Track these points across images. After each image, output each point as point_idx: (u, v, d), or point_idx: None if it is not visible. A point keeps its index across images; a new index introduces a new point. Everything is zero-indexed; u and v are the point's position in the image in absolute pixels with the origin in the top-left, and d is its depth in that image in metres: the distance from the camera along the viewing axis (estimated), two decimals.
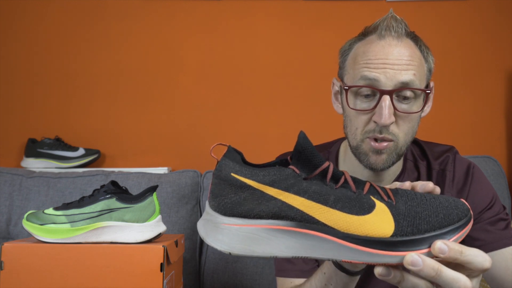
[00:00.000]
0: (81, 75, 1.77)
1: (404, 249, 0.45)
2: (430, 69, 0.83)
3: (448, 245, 0.45)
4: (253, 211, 0.47)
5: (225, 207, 0.48)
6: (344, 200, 0.47)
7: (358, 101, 0.79)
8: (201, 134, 1.76)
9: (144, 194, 0.89)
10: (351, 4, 1.79)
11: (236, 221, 0.47)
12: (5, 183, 1.40)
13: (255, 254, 0.47)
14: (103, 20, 1.78)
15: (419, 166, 0.89)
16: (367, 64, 0.77)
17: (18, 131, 1.74)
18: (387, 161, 0.79)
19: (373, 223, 0.46)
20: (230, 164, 0.49)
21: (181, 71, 1.78)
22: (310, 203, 0.47)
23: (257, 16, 1.79)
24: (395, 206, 0.47)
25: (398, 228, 0.46)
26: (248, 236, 0.47)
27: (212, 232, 0.48)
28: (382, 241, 0.45)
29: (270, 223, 0.47)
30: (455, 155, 0.90)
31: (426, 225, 0.46)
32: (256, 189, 0.47)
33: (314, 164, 0.48)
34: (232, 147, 0.52)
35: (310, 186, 0.47)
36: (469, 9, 1.78)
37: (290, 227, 0.47)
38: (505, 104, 1.77)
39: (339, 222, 0.46)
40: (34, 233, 0.86)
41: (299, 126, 1.75)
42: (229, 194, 0.48)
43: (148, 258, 0.83)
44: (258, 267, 1.38)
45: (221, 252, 0.56)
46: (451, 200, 0.49)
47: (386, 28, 0.79)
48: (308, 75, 1.78)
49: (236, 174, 0.48)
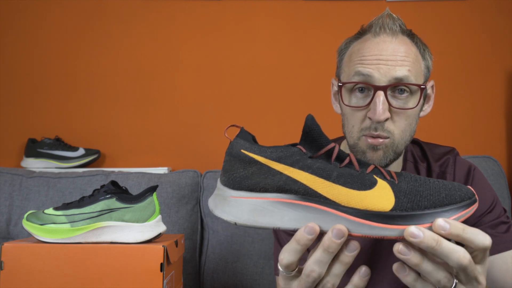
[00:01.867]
0: (81, 75, 1.77)
1: (403, 223, 0.46)
2: (428, 66, 0.82)
3: (450, 222, 0.45)
4: (259, 185, 0.49)
5: (234, 181, 0.51)
6: (347, 176, 0.49)
7: (353, 98, 0.79)
8: (201, 134, 1.77)
9: (144, 194, 0.89)
10: (351, 4, 1.79)
11: (243, 194, 0.50)
12: (5, 183, 1.40)
13: (259, 225, 0.49)
14: (103, 20, 1.78)
15: (419, 167, 0.89)
16: (361, 61, 0.77)
17: (18, 131, 1.74)
18: (384, 158, 0.78)
19: (374, 197, 0.47)
20: (241, 142, 0.52)
21: (181, 71, 1.78)
22: (313, 177, 0.49)
23: (257, 16, 1.79)
24: (397, 185, 0.49)
25: (398, 203, 0.47)
26: (254, 208, 0.49)
27: (220, 204, 0.51)
28: (381, 214, 0.47)
29: (275, 196, 0.49)
30: (455, 157, 0.89)
31: (426, 202, 0.47)
32: (264, 164, 0.50)
33: (320, 144, 0.50)
34: (245, 129, 0.54)
35: (315, 163, 0.49)
36: (469, 9, 1.78)
37: (293, 200, 0.49)
38: (505, 104, 1.77)
39: (340, 196, 0.48)
40: (34, 233, 0.86)
41: (299, 126, 1.75)
42: (238, 169, 0.51)
43: (148, 258, 0.83)
44: (258, 267, 1.38)
45: (227, 222, 0.59)
46: (456, 184, 0.50)
47: (381, 26, 0.79)
48: (308, 75, 1.78)
49: (245, 151, 0.51)
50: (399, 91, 0.76)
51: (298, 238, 0.48)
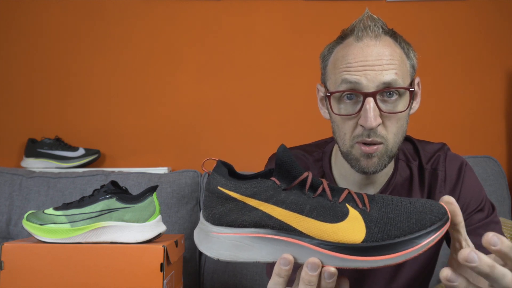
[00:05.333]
0: (81, 75, 1.77)
1: (374, 255, 0.49)
2: (413, 65, 0.81)
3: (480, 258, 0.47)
4: (237, 221, 0.52)
5: (214, 217, 0.53)
6: (319, 208, 0.51)
7: (342, 106, 0.78)
8: (201, 134, 1.77)
9: (144, 194, 0.89)
10: (351, 4, 1.79)
11: (223, 230, 0.53)
12: (5, 183, 1.40)
13: (240, 260, 0.52)
14: (102, 20, 1.78)
15: (411, 166, 0.89)
16: (347, 68, 0.76)
17: (18, 131, 1.74)
18: (379, 164, 0.77)
19: (345, 230, 0.49)
20: (217, 178, 0.54)
21: (181, 71, 1.78)
22: (287, 212, 0.51)
23: (257, 16, 1.79)
24: (368, 213, 0.51)
25: (369, 234, 0.49)
26: (233, 244, 0.52)
27: (204, 240, 0.54)
28: (353, 247, 0.49)
29: (252, 231, 0.52)
30: (446, 154, 0.89)
31: (396, 231, 0.49)
32: (240, 201, 0.52)
33: (293, 176, 0.52)
34: (221, 161, 0.57)
35: (288, 197, 0.51)
36: (469, 9, 1.78)
37: (270, 235, 0.51)
38: (505, 104, 1.77)
39: (313, 230, 0.50)
40: (34, 233, 0.86)
41: (299, 126, 1.75)
42: (217, 205, 0.53)
43: (148, 258, 0.83)
44: (258, 267, 1.38)
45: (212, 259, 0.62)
46: (428, 204, 0.51)
47: (363, 29, 0.77)
48: (308, 75, 1.78)
49: (222, 188, 0.53)
50: (388, 94, 0.76)
51: (278, 272, 0.51)
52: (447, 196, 0.52)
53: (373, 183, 0.85)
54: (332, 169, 0.90)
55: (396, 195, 0.86)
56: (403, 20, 1.77)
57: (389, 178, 0.87)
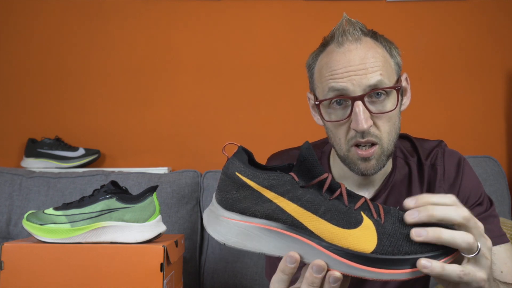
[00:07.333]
0: (81, 75, 1.77)
1: (381, 267, 0.48)
2: (398, 63, 0.82)
3: (432, 263, 0.48)
4: (250, 209, 0.51)
5: (226, 201, 0.52)
6: (334, 212, 0.50)
7: (332, 112, 0.79)
8: (201, 134, 1.76)
9: (144, 194, 0.89)
10: (351, 4, 1.79)
11: (234, 216, 0.52)
12: (5, 183, 1.40)
13: (246, 249, 0.52)
14: (103, 20, 1.78)
15: (409, 162, 0.89)
16: (332, 75, 0.77)
17: (18, 131, 1.74)
18: (377, 166, 0.79)
19: (357, 237, 0.49)
20: (237, 163, 0.53)
21: (181, 71, 1.78)
22: (302, 210, 0.50)
23: (257, 16, 1.79)
24: (382, 225, 0.50)
25: (379, 246, 0.49)
26: (242, 232, 0.51)
27: (213, 223, 0.53)
28: (362, 256, 0.48)
29: (264, 222, 0.51)
30: (444, 150, 0.90)
31: (408, 248, 0.49)
32: (256, 190, 0.51)
33: (313, 174, 0.51)
34: (243, 147, 0.56)
35: (305, 194, 0.51)
36: (469, 9, 1.78)
37: (280, 229, 0.51)
38: (505, 104, 1.77)
39: (325, 232, 0.50)
40: (34, 233, 0.86)
41: (299, 126, 1.75)
42: (231, 190, 0.52)
43: (148, 258, 0.83)
44: (258, 267, 1.38)
45: (218, 242, 0.61)
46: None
47: (343, 34, 0.78)
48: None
49: (240, 174, 0.52)
50: (376, 95, 0.77)
51: (282, 268, 0.51)
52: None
53: (372, 182, 0.86)
54: (331, 169, 0.91)
55: (396, 192, 0.87)
56: (403, 20, 1.77)
57: (388, 176, 0.87)
